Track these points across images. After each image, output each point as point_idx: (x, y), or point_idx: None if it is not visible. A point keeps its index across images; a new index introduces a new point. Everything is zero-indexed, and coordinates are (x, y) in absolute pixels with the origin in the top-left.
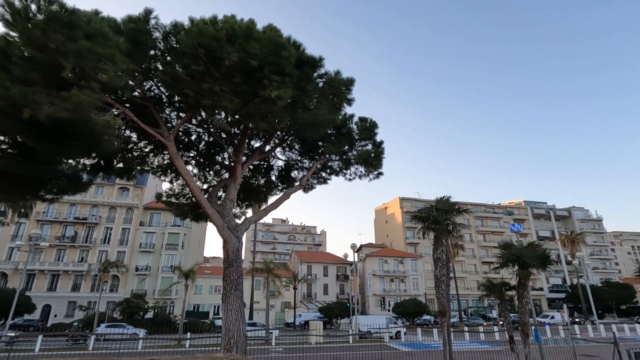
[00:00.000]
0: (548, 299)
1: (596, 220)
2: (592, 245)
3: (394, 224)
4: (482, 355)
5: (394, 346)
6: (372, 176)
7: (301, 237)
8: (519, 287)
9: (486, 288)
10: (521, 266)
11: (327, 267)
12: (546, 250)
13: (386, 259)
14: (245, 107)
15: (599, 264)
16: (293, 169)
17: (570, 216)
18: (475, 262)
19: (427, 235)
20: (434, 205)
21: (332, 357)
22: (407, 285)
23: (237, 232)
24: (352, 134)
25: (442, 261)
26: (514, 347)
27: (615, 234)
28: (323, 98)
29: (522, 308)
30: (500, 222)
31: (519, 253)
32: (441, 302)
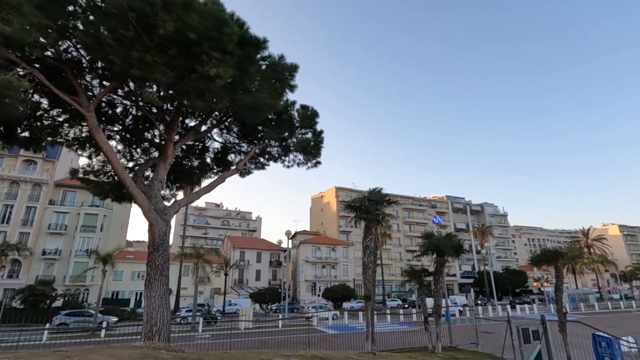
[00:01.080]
0: (459, 284)
1: (502, 215)
2: (497, 237)
3: (329, 212)
4: (400, 334)
5: (321, 329)
6: (311, 164)
7: (235, 223)
8: (436, 273)
9: (408, 274)
10: (439, 254)
11: (261, 253)
12: (460, 241)
13: (319, 246)
14: (180, 83)
15: (502, 253)
16: (230, 152)
17: (482, 211)
18: (400, 250)
19: (359, 224)
20: (367, 196)
21: (261, 341)
22: (338, 272)
23: (165, 215)
24: (293, 121)
25: (370, 249)
26: (428, 326)
27: (516, 227)
28: (265, 81)
29: (437, 292)
30: (425, 214)
31: (438, 242)
32: (367, 287)
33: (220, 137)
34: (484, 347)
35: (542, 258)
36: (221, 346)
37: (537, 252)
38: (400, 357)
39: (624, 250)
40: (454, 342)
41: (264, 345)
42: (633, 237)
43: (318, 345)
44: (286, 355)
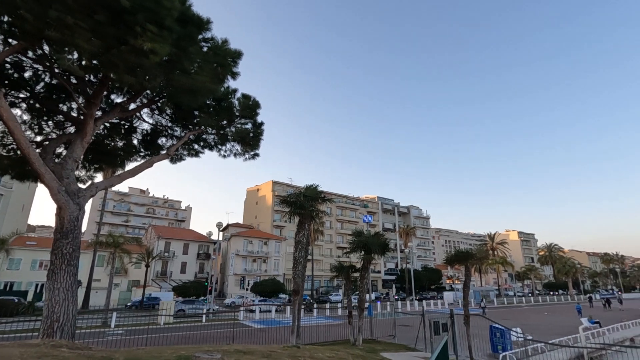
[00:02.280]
0: (383, 280)
1: (425, 218)
2: (420, 238)
3: (264, 205)
4: (325, 328)
5: (247, 324)
6: (249, 156)
7: (162, 211)
8: (362, 270)
9: (336, 270)
10: (367, 252)
11: (189, 244)
12: (387, 240)
13: (251, 239)
14: (107, 53)
15: (422, 253)
16: (161, 136)
17: (408, 213)
18: (331, 247)
19: (293, 219)
20: (303, 192)
21: (182, 337)
22: (269, 266)
23: (79, 198)
24: (233, 109)
25: (302, 244)
26: (351, 320)
27: (436, 229)
28: (206, 65)
29: (362, 288)
30: (357, 213)
31: (367, 241)
32: (296, 281)
33: (150, 118)
34: (400, 339)
35: (455, 258)
36: (136, 342)
37: (451, 253)
38: (323, 350)
39: (520, 253)
40: (374, 334)
41: (185, 341)
42: (528, 242)
43: (243, 339)
44: (208, 351)
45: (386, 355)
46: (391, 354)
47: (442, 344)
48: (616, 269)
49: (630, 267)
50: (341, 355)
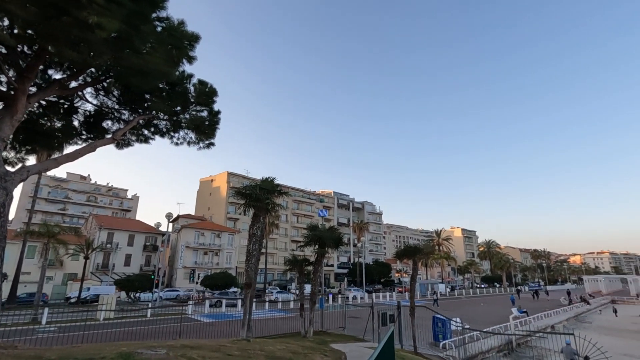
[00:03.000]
0: (336, 274)
1: (378, 214)
2: (372, 233)
3: (218, 197)
4: (276, 321)
5: (196, 318)
6: (203, 145)
7: (106, 200)
8: (316, 263)
9: (290, 263)
10: (321, 246)
11: (134, 236)
12: (341, 234)
13: (203, 231)
14: (46, 23)
15: (374, 247)
16: (106, 118)
17: (363, 208)
18: (286, 240)
19: (248, 211)
20: (259, 184)
21: (124, 333)
22: (221, 259)
23: (6, 182)
24: (188, 95)
25: (256, 237)
26: (303, 313)
27: (388, 225)
28: (160, 46)
29: (315, 281)
30: (313, 207)
31: (321, 235)
32: (249, 274)
33: (95, 98)
34: (350, 331)
35: (404, 252)
36: (71, 340)
37: (401, 248)
38: (273, 343)
39: (462, 249)
40: (325, 326)
41: (128, 337)
42: (470, 239)
43: (191, 334)
44: (152, 347)
45: (335, 346)
46: (340, 344)
47: (388, 334)
48: (543, 264)
49: (554, 263)
50: (292, 348)
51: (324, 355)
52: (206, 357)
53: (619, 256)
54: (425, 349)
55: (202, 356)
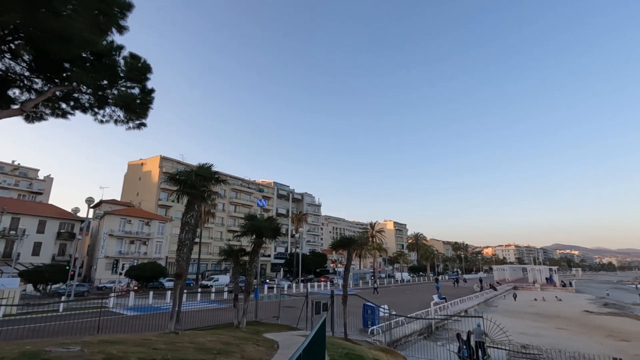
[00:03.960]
0: (272, 264)
1: (317, 205)
2: (310, 224)
3: (148, 182)
4: (209, 312)
5: (118, 311)
6: (133, 125)
7: (10, 180)
8: (252, 254)
9: (225, 253)
10: (258, 236)
11: (46, 222)
12: (279, 224)
13: (130, 218)
14: None
15: (312, 238)
16: (13, 86)
17: (302, 200)
18: (222, 230)
19: (182, 199)
20: (195, 170)
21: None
22: (150, 248)
23: None
24: (117, 69)
25: (190, 225)
26: (237, 303)
27: (326, 217)
28: (85, 9)
29: (250, 271)
30: (252, 197)
31: (259, 224)
32: (180, 264)
33: None
34: (284, 320)
35: (340, 243)
36: None
37: (337, 239)
38: (204, 334)
39: (393, 241)
40: (259, 317)
41: (36, 334)
42: (400, 231)
43: (112, 329)
44: (64, 344)
45: (269, 335)
46: (274, 334)
47: (320, 322)
48: (461, 255)
49: (471, 254)
50: (224, 339)
51: (257, 345)
52: (128, 353)
53: (522, 248)
54: (355, 335)
55: (124, 352)
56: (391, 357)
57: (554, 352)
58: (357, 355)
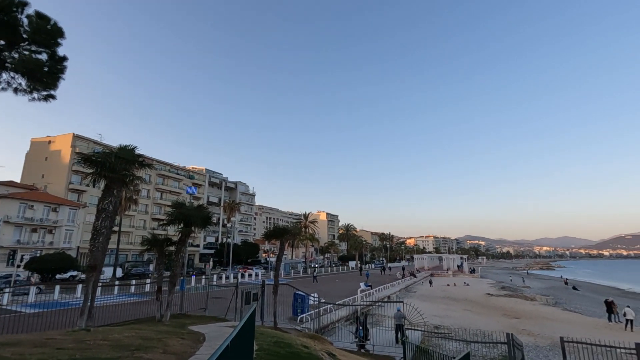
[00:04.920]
0: (201, 254)
1: (251, 195)
2: (243, 213)
3: (57, 163)
4: (128, 306)
5: (15, 309)
6: (39, 96)
7: None
8: (179, 243)
9: (149, 242)
10: (186, 224)
11: None
12: (210, 213)
13: (33, 203)
14: None
15: (244, 228)
16: None
17: (235, 188)
18: (146, 218)
19: (99, 183)
20: (115, 152)
21: None
22: (57, 237)
23: None
24: (19, 28)
25: (107, 212)
26: (160, 296)
27: (260, 206)
28: None
29: (176, 262)
30: (181, 184)
31: (188, 213)
32: (95, 255)
33: None
34: (212, 311)
35: (273, 233)
36: None
37: (270, 229)
38: (121, 330)
39: (326, 231)
40: (185, 309)
41: None
42: (332, 222)
43: (7, 329)
44: None
45: (195, 328)
46: (200, 326)
47: (249, 312)
48: (387, 245)
49: (395, 244)
50: (144, 334)
51: (181, 339)
52: (26, 355)
53: (439, 239)
54: (284, 324)
55: (20, 354)
56: (318, 343)
57: (460, 330)
58: (285, 342)
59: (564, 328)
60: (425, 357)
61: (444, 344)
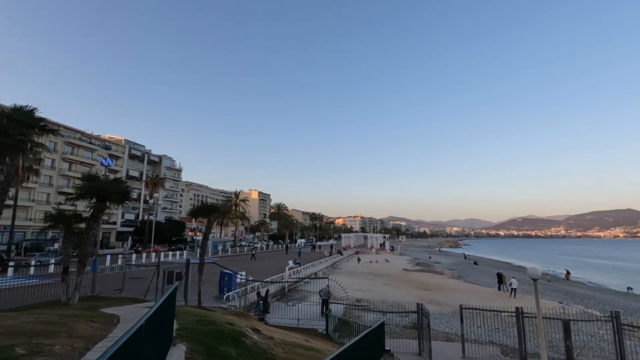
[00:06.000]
0: (118, 232)
1: (178, 170)
2: (168, 189)
3: None
4: (26, 289)
5: None
6: None
7: None
8: (91, 220)
9: (53, 219)
10: (100, 199)
11: None
12: (128, 188)
13: None
14: None
15: (169, 205)
16: None
17: (160, 162)
18: (50, 191)
19: None
20: (8, 113)
21: None
22: None
23: None
24: None
25: None
26: (66, 277)
27: (187, 183)
28: None
29: (87, 240)
30: (94, 154)
31: (103, 186)
32: None
33: None
34: (129, 292)
35: (199, 211)
36: None
37: (197, 206)
38: (16, 316)
39: (257, 210)
40: (97, 291)
41: None
42: (264, 201)
43: None
44: None
45: (108, 310)
46: (115, 308)
47: (170, 291)
48: (317, 224)
49: (325, 223)
50: (45, 318)
51: (90, 322)
52: None
53: (365, 219)
54: (210, 302)
55: None
56: (244, 319)
57: (379, 302)
58: (209, 320)
59: (464, 297)
60: (346, 328)
61: (364, 315)
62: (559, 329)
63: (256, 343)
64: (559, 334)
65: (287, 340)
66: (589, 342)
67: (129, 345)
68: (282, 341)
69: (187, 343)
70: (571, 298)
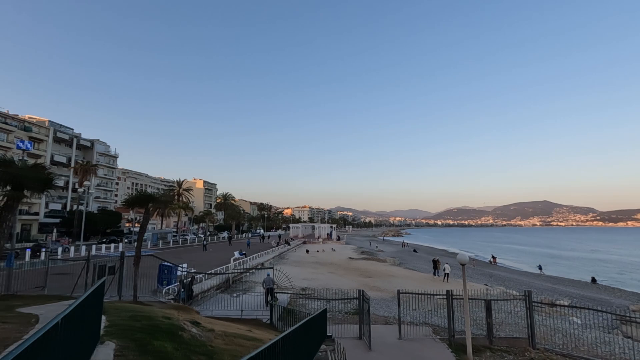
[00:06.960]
0: (41, 224)
1: (113, 156)
2: (102, 177)
3: None
4: None
5: None
6: None
7: None
8: (5, 210)
9: None
10: (16, 187)
11: None
12: (51, 174)
13: None
14: None
15: (102, 194)
16: None
17: (92, 148)
18: None
19: None
20: None
21: None
22: None
23: None
24: None
25: None
26: None
27: (124, 170)
28: None
29: (2, 233)
30: (11, 136)
31: (18, 173)
32: None
33: None
34: (54, 290)
35: (136, 200)
36: None
37: (132, 195)
38: None
39: (202, 200)
40: (14, 289)
41: None
42: (210, 190)
43: None
44: None
45: (27, 309)
46: (34, 307)
47: (95, 286)
48: (265, 214)
49: (273, 214)
50: None
51: (3, 323)
52: None
53: (314, 209)
54: (147, 297)
55: None
56: (183, 313)
57: (323, 290)
58: (144, 315)
59: (403, 282)
60: (290, 316)
61: (309, 303)
62: (482, 308)
63: (195, 336)
64: (482, 312)
65: (228, 332)
66: (506, 319)
67: (42, 345)
68: (223, 332)
69: (118, 340)
70: (495, 280)
